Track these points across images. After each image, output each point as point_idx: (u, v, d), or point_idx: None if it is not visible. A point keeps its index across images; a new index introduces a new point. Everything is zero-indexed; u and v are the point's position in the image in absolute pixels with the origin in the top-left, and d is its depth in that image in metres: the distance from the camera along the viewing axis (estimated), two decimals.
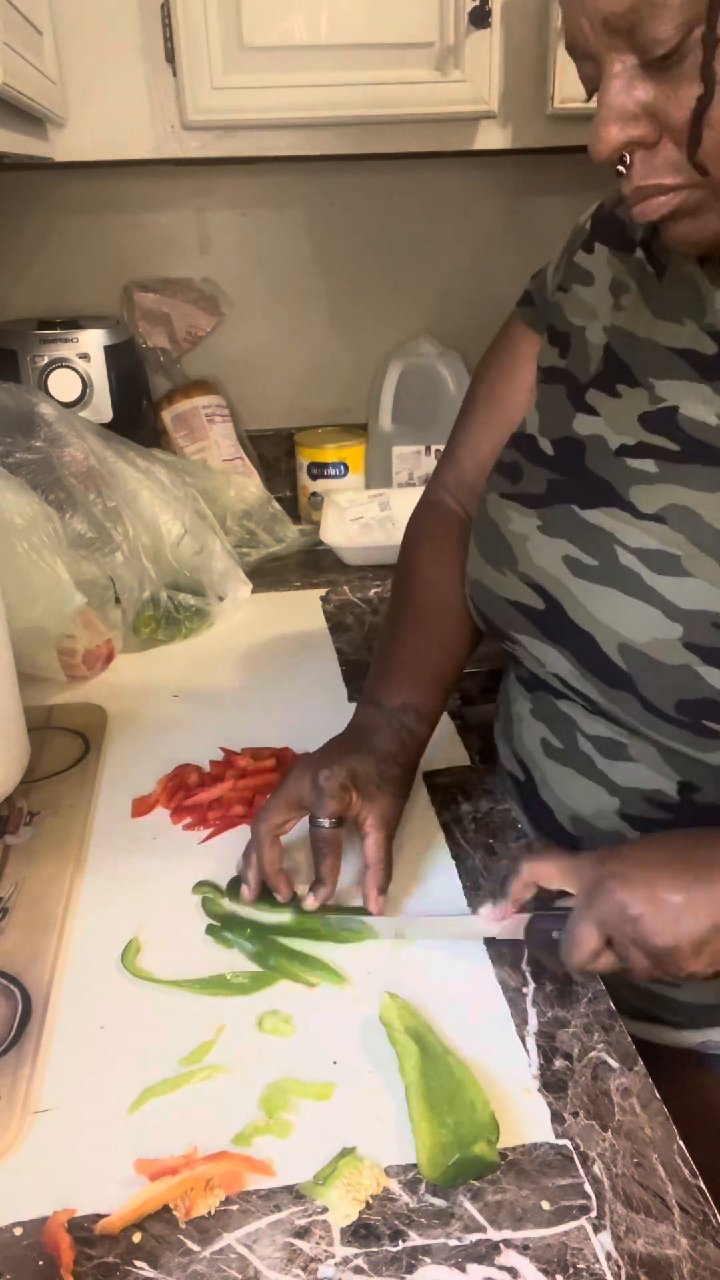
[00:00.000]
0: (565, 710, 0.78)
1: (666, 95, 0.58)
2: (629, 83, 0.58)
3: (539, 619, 0.75)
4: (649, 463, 0.70)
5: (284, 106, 1.19)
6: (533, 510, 0.76)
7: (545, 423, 0.79)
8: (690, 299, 0.71)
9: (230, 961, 0.70)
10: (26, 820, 0.85)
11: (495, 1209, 0.52)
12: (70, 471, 1.13)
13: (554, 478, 0.76)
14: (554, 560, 0.73)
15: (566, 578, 0.72)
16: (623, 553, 0.70)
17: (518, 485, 0.78)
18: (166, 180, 1.53)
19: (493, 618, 0.80)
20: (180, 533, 1.19)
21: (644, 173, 0.61)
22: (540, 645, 0.76)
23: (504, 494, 0.79)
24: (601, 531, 0.71)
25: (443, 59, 1.19)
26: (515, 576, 0.77)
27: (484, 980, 0.68)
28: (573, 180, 1.57)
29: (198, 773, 0.91)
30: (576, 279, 0.80)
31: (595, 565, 0.71)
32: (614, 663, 0.69)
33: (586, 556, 0.72)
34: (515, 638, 0.78)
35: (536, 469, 0.77)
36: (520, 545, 0.76)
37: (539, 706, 0.81)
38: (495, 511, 0.80)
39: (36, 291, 1.57)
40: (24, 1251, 0.51)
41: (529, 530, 0.76)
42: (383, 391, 1.59)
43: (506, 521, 0.78)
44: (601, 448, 0.73)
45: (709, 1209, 0.52)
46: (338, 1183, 0.53)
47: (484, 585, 0.80)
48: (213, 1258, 0.51)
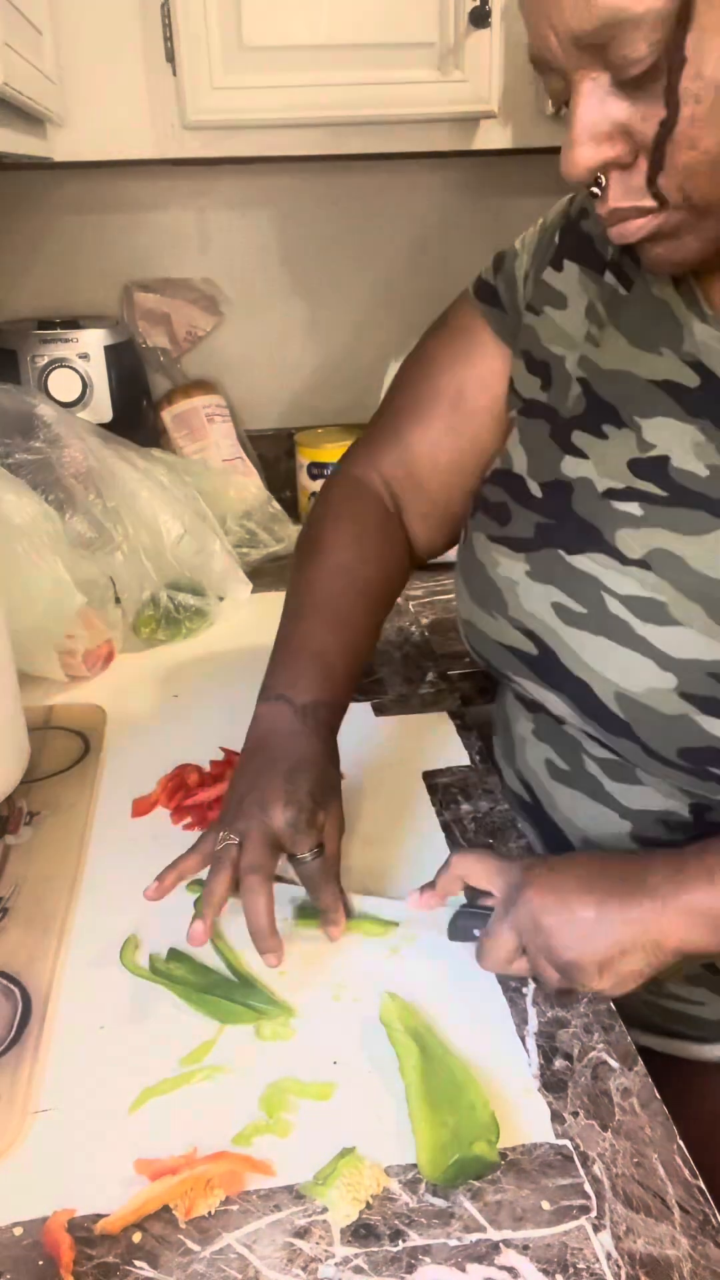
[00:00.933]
0: (570, 733, 0.76)
1: (641, 114, 0.55)
2: (601, 100, 0.55)
3: (535, 664, 0.74)
4: (634, 506, 0.68)
5: (284, 106, 1.19)
6: (521, 554, 0.74)
7: (534, 464, 0.76)
8: (667, 327, 0.69)
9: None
10: (26, 820, 0.85)
11: (495, 1209, 0.53)
12: (69, 472, 1.13)
13: (542, 521, 0.73)
14: (543, 607, 0.72)
15: (558, 625, 0.71)
16: (610, 600, 0.68)
17: (506, 528, 0.76)
18: (166, 180, 1.53)
19: (490, 660, 0.79)
20: (180, 533, 1.19)
21: (620, 194, 0.58)
22: (539, 689, 0.74)
23: (492, 536, 0.77)
24: (588, 578, 0.69)
25: (443, 59, 1.19)
26: (506, 621, 0.75)
27: (484, 980, 0.68)
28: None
29: (198, 772, 0.91)
30: (549, 300, 0.77)
31: (584, 613, 0.69)
32: (612, 711, 0.68)
33: (575, 604, 0.70)
34: (514, 679, 0.77)
35: (525, 512, 0.75)
36: (510, 590, 0.74)
37: (541, 728, 0.80)
38: (483, 554, 0.77)
39: (36, 291, 1.57)
40: (24, 1251, 0.51)
41: (518, 575, 0.74)
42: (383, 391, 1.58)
43: (495, 565, 0.76)
44: (589, 491, 0.71)
45: (709, 1209, 0.52)
46: (338, 1183, 0.53)
47: (476, 628, 0.79)
48: (213, 1258, 0.51)
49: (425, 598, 1.30)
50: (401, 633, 1.20)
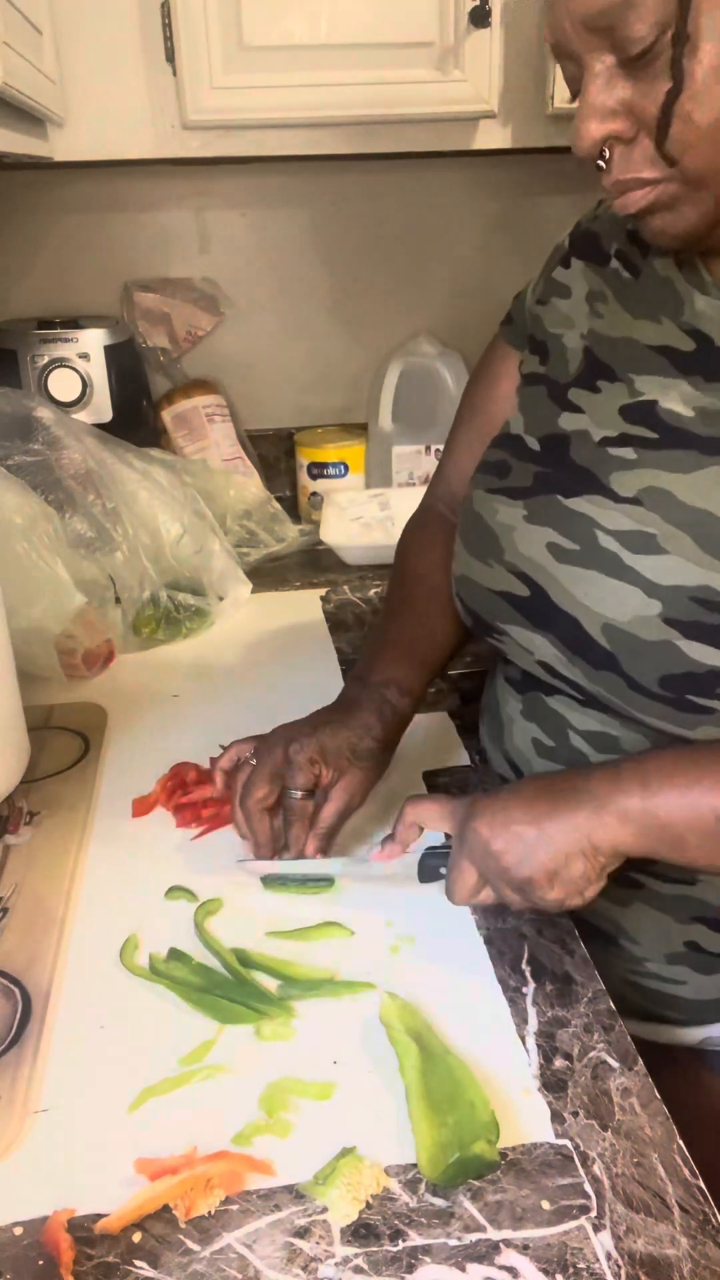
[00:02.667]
0: (556, 708, 0.79)
1: (643, 92, 0.61)
2: (608, 81, 0.62)
3: (524, 606, 0.76)
4: (628, 450, 0.72)
5: (284, 106, 1.19)
6: (519, 501, 0.78)
7: (530, 422, 0.81)
8: (668, 299, 0.74)
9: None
10: (26, 820, 0.85)
11: (495, 1209, 0.52)
12: (69, 473, 1.13)
13: (540, 470, 0.78)
14: (538, 547, 0.75)
15: (550, 563, 0.74)
16: (602, 535, 0.71)
17: (504, 480, 0.80)
18: (166, 180, 1.53)
19: (479, 611, 0.81)
20: (179, 533, 1.19)
21: (623, 167, 0.64)
22: (527, 634, 0.77)
23: (490, 489, 0.81)
24: (582, 517, 0.73)
25: (443, 59, 1.19)
26: (501, 566, 0.78)
27: (484, 980, 0.68)
28: (573, 180, 1.57)
29: (196, 770, 0.91)
30: (555, 293, 0.83)
31: (576, 549, 0.73)
32: (598, 643, 0.71)
33: (568, 541, 0.73)
34: (502, 629, 0.79)
35: (523, 464, 0.79)
36: (506, 535, 0.78)
37: (529, 707, 0.82)
38: (481, 505, 0.81)
39: (36, 291, 1.57)
40: (24, 1251, 0.51)
41: (515, 520, 0.77)
42: (383, 391, 1.59)
43: (493, 514, 0.80)
44: (585, 440, 0.75)
45: (709, 1209, 0.52)
46: (338, 1182, 0.53)
47: (470, 580, 0.82)
48: (213, 1257, 0.51)
49: None
50: None
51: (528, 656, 0.78)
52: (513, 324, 0.89)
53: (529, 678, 0.81)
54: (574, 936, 0.71)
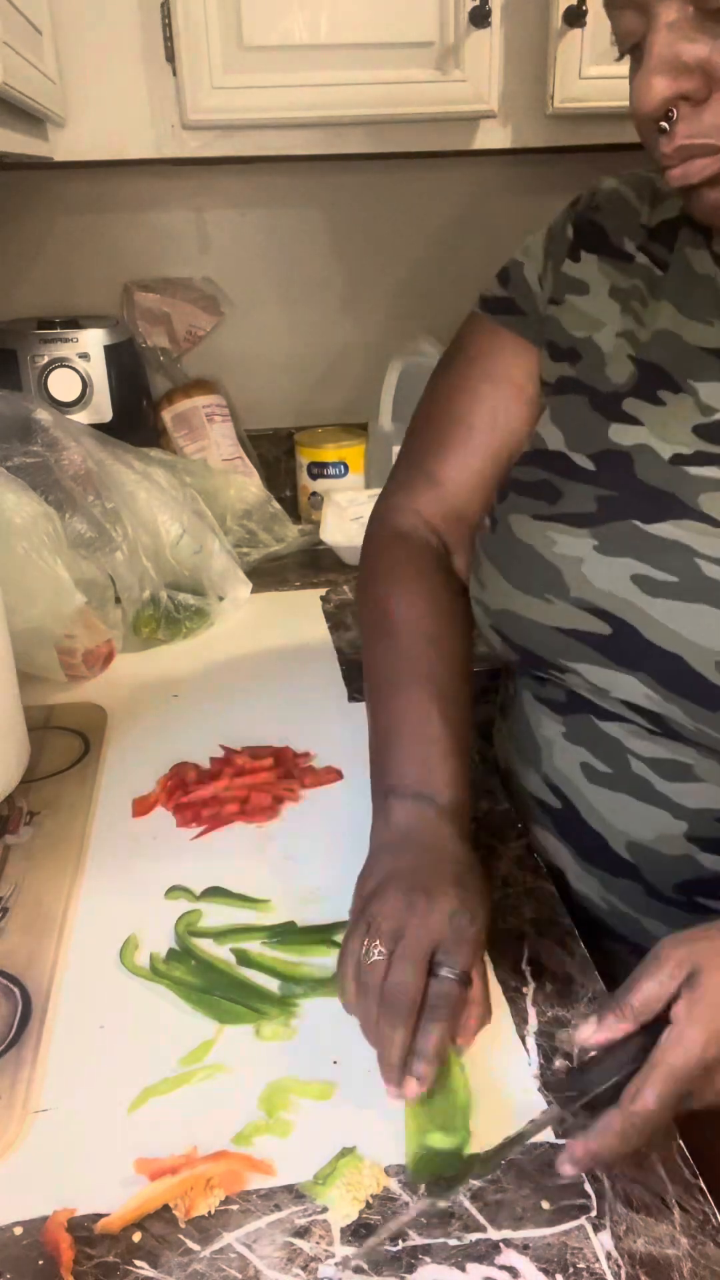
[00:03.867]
0: (611, 732, 0.72)
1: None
2: (684, 32, 0.55)
3: (605, 646, 0.69)
4: (713, 469, 0.66)
5: (284, 106, 1.19)
6: (585, 530, 0.70)
7: (573, 439, 0.73)
8: (714, 299, 0.69)
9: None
10: (26, 820, 0.85)
11: (495, 1209, 0.52)
12: (68, 474, 1.13)
13: (604, 494, 0.70)
14: (620, 581, 0.68)
15: (638, 598, 0.67)
16: (705, 564, 0.65)
17: (557, 505, 0.72)
18: (166, 180, 1.53)
19: (534, 649, 0.73)
20: (179, 533, 1.19)
21: (691, 130, 0.57)
22: (607, 673, 0.70)
23: (539, 515, 0.73)
24: (675, 545, 0.66)
25: (443, 59, 1.19)
26: (568, 603, 0.70)
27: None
28: (573, 180, 1.56)
29: (195, 770, 0.91)
30: (570, 289, 0.77)
31: (674, 582, 0.66)
32: (708, 680, 0.64)
33: (660, 573, 0.66)
34: (569, 667, 0.72)
35: (579, 486, 0.71)
36: (573, 569, 0.70)
37: (575, 730, 0.75)
38: (531, 536, 0.72)
39: (36, 291, 1.57)
40: (24, 1251, 0.51)
41: (583, 552, 0.69)
42: (383, 391, 1.59)
43: (550, 545, 0.71)
44: (652, 459, 0.69)
45: (709, 1208, 0.52)
46: (338, 1182, 0.53)
47: (518, 616, 0.73)
48: (213, 1257, 0.51)
49: None
50: None
51: (601, 693, 0.71)
52: (523, 315, 0.80)
53: (577, 698, 0.73)
54: (574, 936, 0.71)
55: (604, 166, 1.54)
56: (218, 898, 0.76)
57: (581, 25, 1.17)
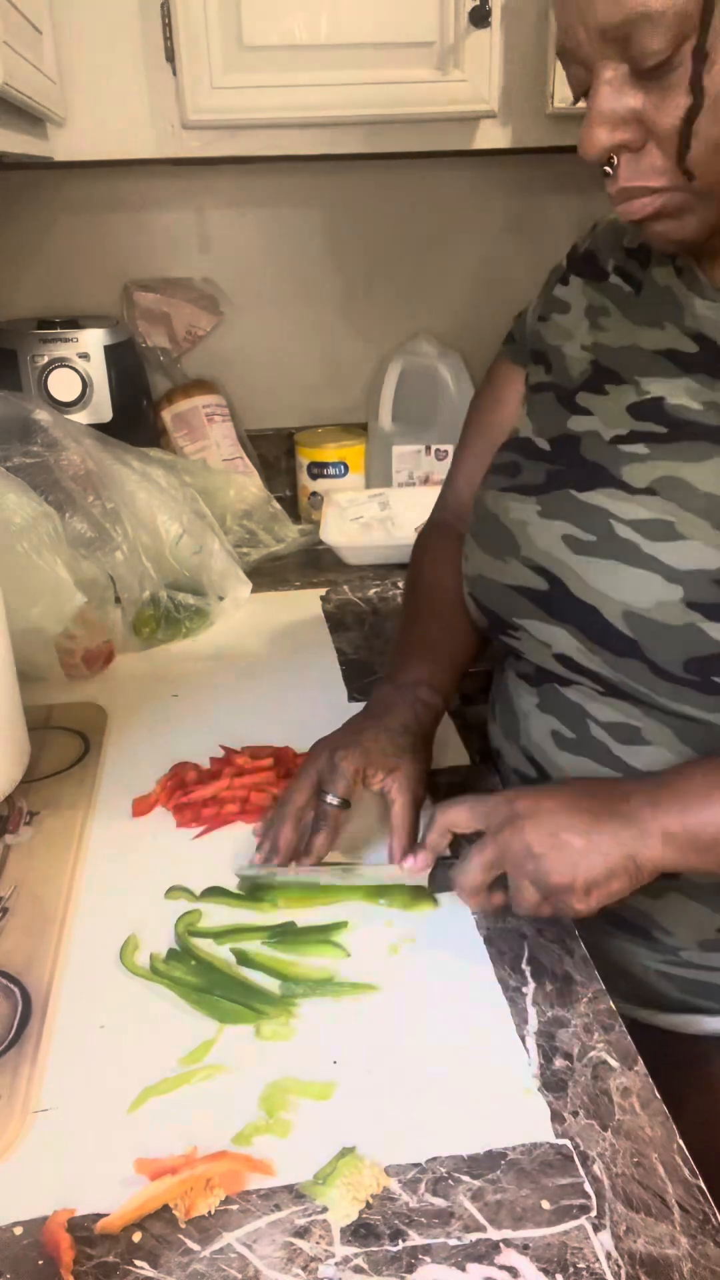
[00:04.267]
0: (574, 699, 0.79)
1: (655, 103, 0.61)
2: (619, 89, 0.62)
3: (542, 600, 0.77)
4: (639, 446, 0.74)
5: (284, 106, 1.19)
6: (532, 497, 0.79)
7: (539, 425, 0.82)
8: (669, 306, 0.76)
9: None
10: (26, 820, 0.85)
11: (495, 1208, 0.53)
12: (68, 475, 1.13)
13: (553, 468, 0.79)
14: (554, 541, 0.76)
15: (567, 555, 0.75)
16: (619, 525, 0.72)
17: (516, 479, 0.81)
18: (166, 180, 1.53)
19: (495, 608, 0.82)
20: (179, 533, 1.19)
21: (630, 175, 0.64)
22: (545, 627, 0.77)
23: (502, 488, 0.82)
24: (598, 509, 0.74)
25: (443, 59, 1.19)
26: (517, 561, 0.79)
27: (484, 980, 0.68)
28: (573, 180, 1.57)
29: (195, 770, 0.91)
30: (554, 309, 0.86)
31: (593, 540, 0.73)
32: (620, 631, 0.71)
33: (584, 534, 0.74)
34: (519, 624, 0.80)
35: (535, 463, 0.80)
36: (521, 531, 0.79)
37: (545, 699, 0.82)
38: (494, 505, 0.82)
39: (36, 291, 1.57)
40: (24, 1251, 0.51)
41: (529, 516, 0.78)
42: (383, 391, 1.59)
43: (506, 512, 0.80)
44: (596, 439, 0.77)
45: (709, 1208, 0.52)
46: (338, 1182, 0.53)
47: (485, 578, 0.82)
48: (213, 1257, 0.51)
49: None
50: None
51: (544, 650, 0.78)
52: (514, 343, 0.91)
53: (543, 671, 0.81)
54: (574, 936, 0.71)
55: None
56: (217, 898, 0.76)
57: None
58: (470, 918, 0.73)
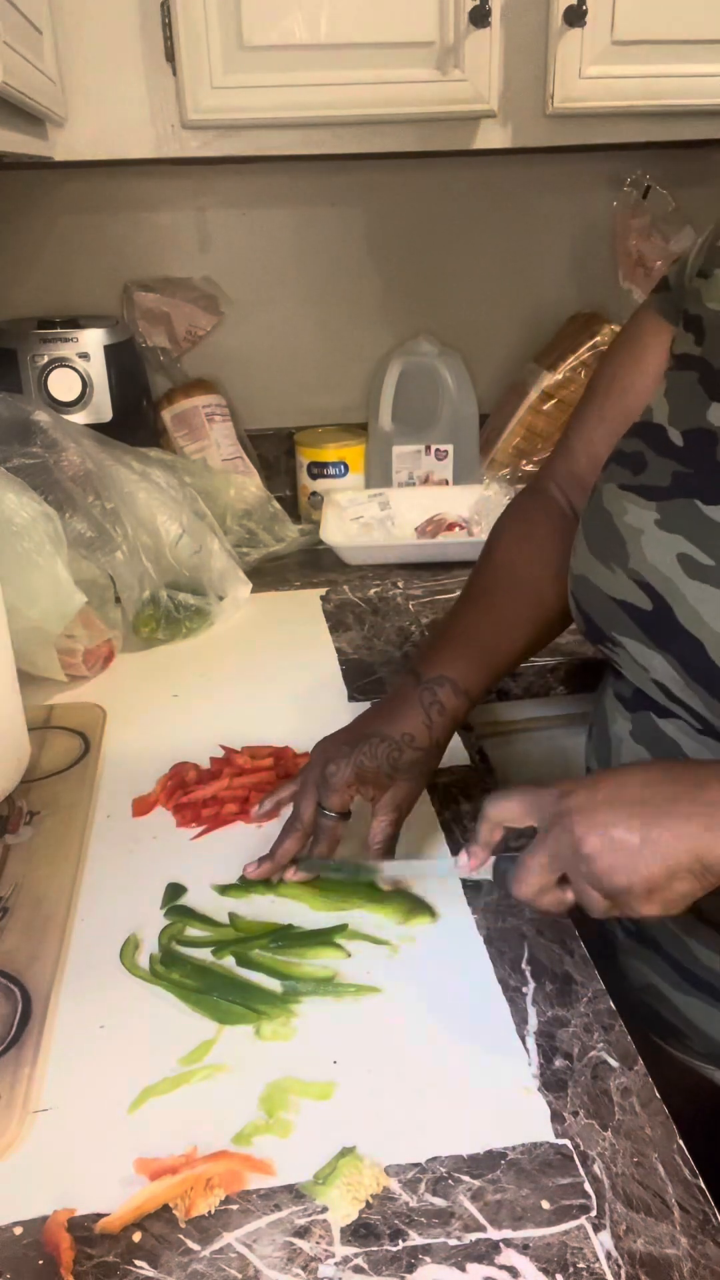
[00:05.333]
0: (670, 733, 0.72)
1: None
2: None
3: (645, 620, 0.70)
4: None
5: (284, 106, 1.19)
6: (652, 503, 0.70)
7: (675, 412, 0.72)
8: None
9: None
10: (26, 820, 0.85)
11: (495, 1208, 0.53)
12: (67, 475, 1.13)
13: (680, 470, 0.70)
14: (668, 557, 0.68)
15: (679, 577, 0.67)
16: None
17: (639, 476, 0.72)
18: (166, 180, 1.53)
19: (595, 618, 0.75)
20: (178, 533, 1.19)
21: None
22: (644, 650, 0.70)
23: (623, 485, 0.73)
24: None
25: (443, 58, 1.19)
26: (624, 573, 0.71)
27: (484, 980, 0.68)
28: (573, 180, 1.57)
29: (195, 770, 0.91)
30: (718, 263, 0.73)
31: (711, 565, 0.65)
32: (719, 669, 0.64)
33: (703, 555, 0.66)
34: (618, 640, 0.73)
35: (663, 460, 0.71)
36: (634, 540, 0.71)
37: (639, 728, 0.75)
38: (611, 503, 0.74)
39: (36, 291, 1.57)
40: (24, 1251, 0.51)
41: (645, 524, 0.70)
42: (383, 391, 1.59)
43: (622, 514, 0.72)
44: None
45: (709, 1208, 0.52)
46: (338, 1182, 0.53)
47: (589, 582, 0.75)
48: (213, 1257, 0.51)
49: (425, 598, 1.30)
50: (401, 633, 1.20)
51: (642, 674, 0.72)
52: (668, 291, 0.79)
53: (641, 695, 0.74)
54: (574, 936, 0.71)
55: (604, 166, 1.55)
56: (184, 917, 0.74)
57: (581, 25, 1.17)
58: (470, 918, 0.73)
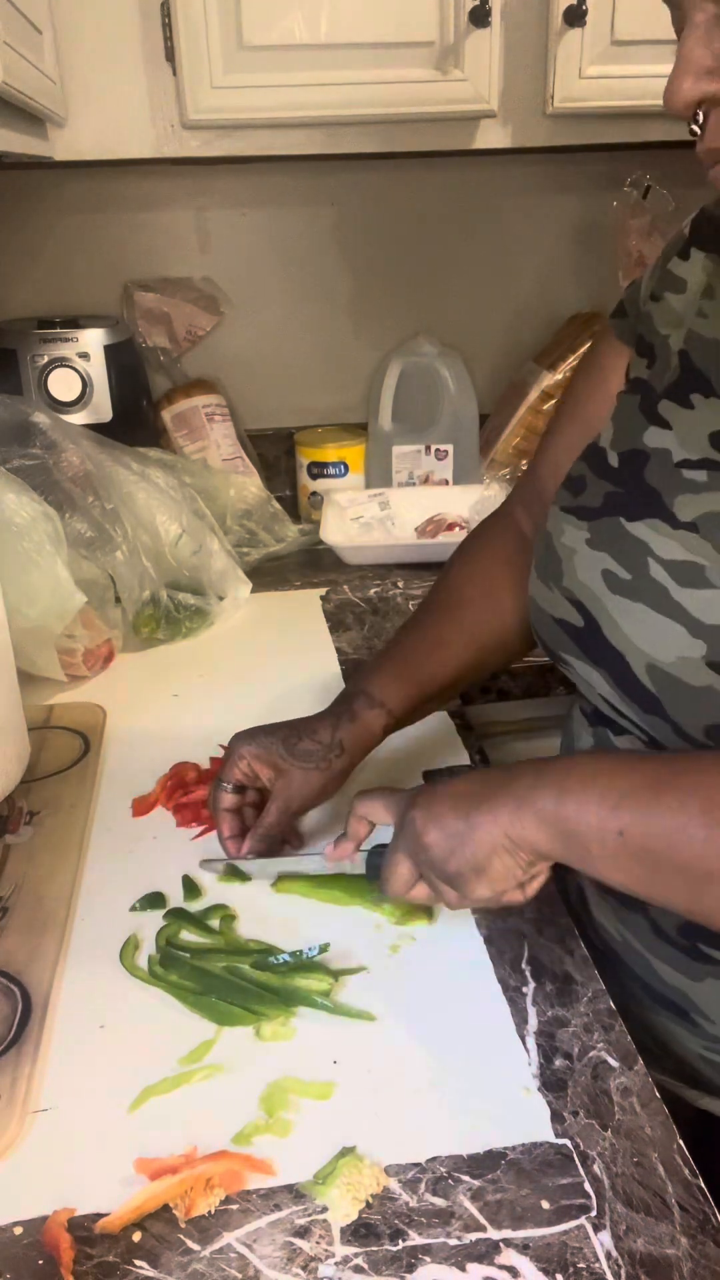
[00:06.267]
0: (624, 747, 0.72)
1: None
2: (708, 33, 0.53)
3: (580, 638, 0.71)
4: (702, 474, 0.65)
5: (283, 106, 1.19)
6: (585, 523, 0.72)
7: (617, 435, 0.74)
8: None
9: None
10: (26, 819, 0.86)
11: (495, 1208, 0.53)
12: (67, 476, 1.13)
13: (612, 490, 0.71)
14: (594, 575, 0.69)
15: (604, 593, 0.68)
16: (654, 565, 0.65)
17: (578, 498, 0.74)
18: (166, 180, 1.53)
19: (544, 636, 0.76)
20: (178, 533, 1.19)
21: (718, 134, 0.55)
22: (585, 667, 0.71)
23: (564, 507, 0.75)
24: (639, 543, 0.66)
25: (443, 58, 1.19)
26: (559, 592, 0.73)
27: (484, 980, 0.68)
28: (573, 180, 1.57)
29: (195, 770, 0.91)
30: (669, 286, 0.74)
31: (628, 579, 0.66)
32: (644, 685, 0.65)
33: (622, 570, 0.67)
34: (564, 658, 0.74)
35: (599, 482, 0.73)
36: (569, 559, 0.72)
37: (599, 743, 0.75)
38: (553, 523, 0.75)
39: (36, 291, 1.57)
40: (24, 1251, 0.51)
41: (577, 543, 0.72)
42: (383, 391, 1.59)
43: (560, 534, 0.74)
44: (664, 460, 0.68)
45: (709, 1208, 0.52)
46: (338, 1182, 0.53)
47: (536, 602, 0.76)
48: (213, 1257, 0.51)
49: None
50: None
51: (591, 690, 0.72)
52: (624, 316, 0.79)
53: (598, 712, 0.74)
54: (574, 936, 0.71)
55: (604, 166, 1.55)
56: (179, 920, 0.74)
57: (581, 25, 1.17)
58: (470, 917, 0.73)
